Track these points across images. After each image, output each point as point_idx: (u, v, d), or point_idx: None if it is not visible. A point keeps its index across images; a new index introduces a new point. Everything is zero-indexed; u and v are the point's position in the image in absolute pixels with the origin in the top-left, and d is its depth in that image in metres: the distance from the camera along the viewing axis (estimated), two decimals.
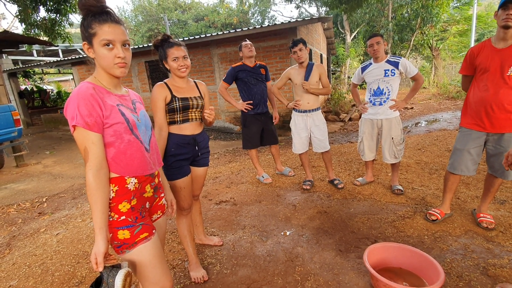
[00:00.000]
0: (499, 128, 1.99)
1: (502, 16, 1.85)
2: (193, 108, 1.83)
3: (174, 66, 1.76)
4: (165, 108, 1.76)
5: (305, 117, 3.14)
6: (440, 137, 5.02)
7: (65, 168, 5.44)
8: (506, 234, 2.11)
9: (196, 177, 2.00)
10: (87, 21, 1.04)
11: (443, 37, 16.11)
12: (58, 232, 2.83)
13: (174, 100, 1.76)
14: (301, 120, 3.16)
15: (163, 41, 1.76)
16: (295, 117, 3.21)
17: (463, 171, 2.18)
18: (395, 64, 2.72)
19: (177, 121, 1.80)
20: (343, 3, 6.06)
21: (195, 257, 1.95)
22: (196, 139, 1.87)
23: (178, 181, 1.80)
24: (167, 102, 1.76)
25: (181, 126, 1.81)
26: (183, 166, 1.82)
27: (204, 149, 1.97)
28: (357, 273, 1.84)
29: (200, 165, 1.97)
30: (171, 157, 1.78)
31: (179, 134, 1.81)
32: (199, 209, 2.23)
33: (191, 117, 1.84)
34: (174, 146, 1.78)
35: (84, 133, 1.00)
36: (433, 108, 8.83)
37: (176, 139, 1.79)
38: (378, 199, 2.83)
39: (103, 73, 1.10)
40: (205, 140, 1.97)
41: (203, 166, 2.00)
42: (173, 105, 1.76)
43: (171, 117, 1.79)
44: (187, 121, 1.83)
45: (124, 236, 1.08)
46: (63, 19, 7.21)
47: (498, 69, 1.92)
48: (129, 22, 23.96)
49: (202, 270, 1.93)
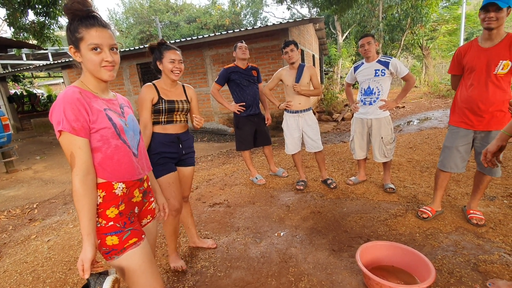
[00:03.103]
0: (486, 126, 2.03)
1: (484, 18, 1.89)
2: (178, 111, 1.87)
3: (169, 67, 1.79)
4: (151, 108, 1.80)
5: (297, 118, 3.15)
6: (431, 135, 5.09)
7: (56, 173, 5.36)
8: (496, 230, 2.14)
9: (183, 177, 2.03)
10: (74, 26, 1.02)
11: (433, 37, 16.34)
12: (49, 239, 2.78)
13: (161, 101, 1.81)
14: (293, 120, 3.18)
15: (160, 44, 1.81)
16: (287, 118, 3.23)
17: (453, 169, 2.22)
18: (385, 64, 2.75)
19: (161, 122, 1.85)
20: (334, 4, 6.11)
21: (175, 253, 2.09)
22: (180, 137, 1.92)
23: (165, 177, 1.83)
24: (153, 103, 1.80)
25: (165, 126, 1.86)
26: (168, 163, 1.86)
27: (189, 149, 2.00)
28: (350, 272, 1.85)
29: (186, 164, 2.01)
30: (156, 155, 1.82)
31: (162, 133, 1.85)
32: (189, 211, 2.23)
33: (176, 119, 1.89)
34: (158, 144, 1.83)
35: (71, 138, 0.98)
36: (424, 107, 8.95)
37: (160, 137, 1.84)
38: (370, 198, 2.85)
39: (90, 77, 1.09)
40: (189, 139, 2.01)
41: (189, 166, 2.03)
42: (159, 106, 1.81)
43: (156, 117, 1.83)
44: (171, 122, 1.88)
45: (112, 242, 1.06)
46: (52, 22, 7.12)
47: (485, 68, 1.95)
48: (120, 25, 23.77)
49: (181, 261, 2.07)
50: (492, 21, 1.85)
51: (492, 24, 1.86)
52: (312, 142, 3.15)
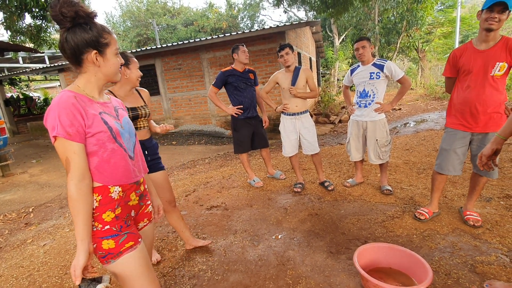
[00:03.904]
0: (483, 128, 2.04)
1: (486, 18, 1.86)
2: (141, 117, 1.88)
3: (138, 73, 1.83)
4: None
5: (294, 120, 3.17)
6: (427, 137, 5.12)
7: (52, 177, 5.32)
8: (492, 231, 2.15)
9: (158, 183, 2.01)
10: (98, 30, 1.04)
11: (428, 39, 16.51)
12: (45, 243, 2.76)
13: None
14: (290, 123, 3.19)
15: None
16: (284, 120, 3.23)
17: (450, 171, 2.22)
18: (380, 67, 2.76)
19: None
20: (330, 7, 6.15)
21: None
22: (145, 144, 1.91)
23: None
24: None
25: None
26: None
27: (154, 155, 2.00)
28: (348, 274, 1.84)
29: (154, 170, 1.99)
30: None
31: None
32: (179, 215, 2.22)
33: (139, 126, 1.89)
34: None
35: (66, 144, 0.98)
36: (420, 109, 9.01)
37: None
38: (368, 200, 2.85)
39: (91, 81, 1.08)
40: (153, 146, 2.01)
41: (158, 171, 2.02)
42: None
43: None
44: (136, 129, 1.87)
45: (108, 246, 1.05)
46: (49, 25, 7.11)
47: (482, 70, 1.97)
48: (117, 28, 23.75)
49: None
50: (495, 22, 1.84)
51: (494, 25, 1.85)
52: (309, 145, 3.16)
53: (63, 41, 1.03)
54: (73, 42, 1.01)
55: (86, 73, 1.07)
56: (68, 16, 0.99)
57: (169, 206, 2.12)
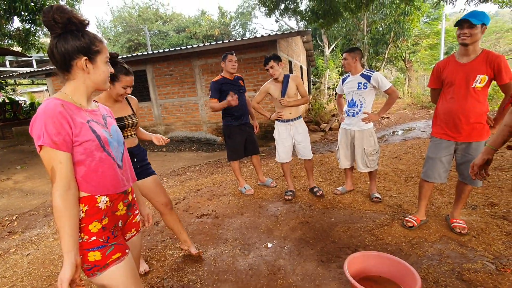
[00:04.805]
0: (466, 138, 2.11)
1: (459, 34, 2.00)
2: (128, 127, 1.85)
3: (120, 92, 1.75)
4: None
5: (289, 126, 3.21)
6: (414, 145, 5.23)
7: (37, 184, 5.17)
8: (478, 238, 2.20)
9: (150, 188, 2.00)
10: (89, 38, 1.04)
11: (415, 50, 17.02)
12: (29, 253, 2.66)
13: None
14: (284, 129, 3.23)
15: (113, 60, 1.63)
16: (278, 127, 3.27)
17: (436, 179, 2.28)
18: (367, 77, 2.82)
19: None
20: (320, 18, 6.28)
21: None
22: (133, 152, 1.90)
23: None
24: None
25: None
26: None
27: (142, 162, 1.99)
28: (339, 283, 1.85)
29: (144, 176, 1.98)
30: None
31: None
32: (176, 217, 2.20)
33: (126, 135, 1.87)
34: None
35: (51, 153, 0.95)
36: (408, 118, 9.22)
37: None
38: (357, 208, 2.88)
39: (80, 88, 1.07)
40: (142, 152, 2.00)
41: (149, 176, 2.01)
42: None
43: None
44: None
45: (95, 258, 1.03)
46: (38, 29, 7.01)
47: (463, 82, 2.05)
48: (108, 33, 23.59)
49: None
50: (466, 37, 1.96)
51: (466, 40, 1.97)
52: (304, 149, 3.21)
53: (52, 46, 1.02)
54: (63, 48, 1.00)
55: (74, 80, 1.06)
56: (60, 23, 0.98)
57: (165, 209, 2.09)
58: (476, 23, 1.92)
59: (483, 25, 1.94)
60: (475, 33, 1.94)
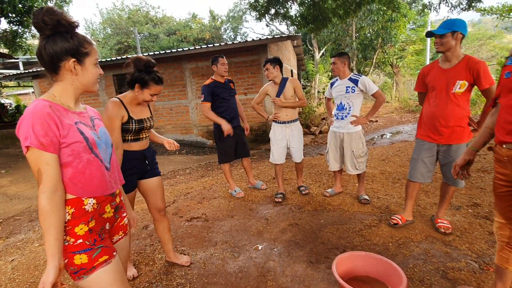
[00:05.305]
0: (447, 140, 2.19)
1: (434, 43, 2.12)
2: (146, 129, 1.89)
3: (147, 98, 1.81)
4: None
5: (284, 128, 3.28)
6: (402, 148, 5.35)
7: (22, 188, 5.03)
8: (462, 238, 2.27)
9: (152, 189, 2.00)
10: (78, 40, 1.04)
11: (402, 56, 17.43)
12: (13, 258, 2.59)
13: (131, 121, 1.80)
14: (280, 130, 3.30)
15: (149, 67, 1.75)
16: (274, 128, 3.35)
17: (419, 179, 2.36)
18: (355, 81, 2.90)
19: (128, 140, 1.85)
20: (310, 23, 6.38)
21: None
22: (145, 154, 1.92)
23: (129, 194, 1.86)
24: (123, 121, 1.78)
25: (131, 144, 1.87)
26: (132, 181, 1.87)
27: (153, 162, 2.01)
28: (328, 283, 1.87)
29: (151, 176, 1.99)
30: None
31: (128, 150, 1.85)
32: (167, 225, 2.16)
33: (142, 136, 1.90)
34: (123, 162, 1.82)
35: (38, 154, 0.95)
36: (395, 121, 9.42)
37: (125, 155, 1.83)
38: (346, 209, 2.92)
39: (68, 89, 1.06)
40: (152, 153, 2.02)
41: (155, 176, 2.02)
42: (129, 126, 1.80)
43: (123, 136, 1.82)
44: (138, 140, 1.88)
45: (81, 260, 1.02)
46: (26, 31, 6.87)
47: (444, 87, 2.13)
48: (97, 35, 23.27)
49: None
50: (438, 45, 2.09)
51: (439, 48, 2.09)
52: (296, 151, 3.30)
53: (41, 47, 1.02)
54: (52, 49, 1.00)
55: (62, 81, 1.06)
56: (49, 24, 0.99)
57: (158, 214, 2.07)
58: (443, 32, 2.02)
59: (454, 33, 2.01)
60: (446, 41, 2.04)
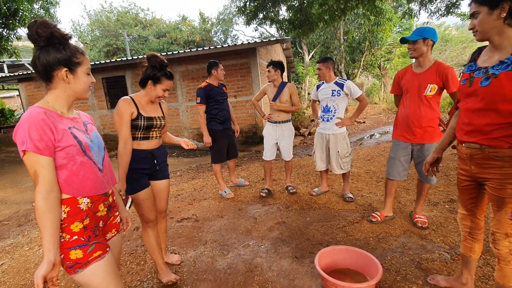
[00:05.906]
0: (420, 140, 2.35)
1: (408, 49, 2.28)
2: (156, 127, 1.90)
3: (159, 94, 1.86)
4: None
5: (275, 127, 3.47)
6: (387, 148, 5.53)
7: (9, 193, 4.99)
8: (437, 231, 2.42)
9: (159, 191, 2.03)
10: (71, 50, 1.11)
11: (389, 58, 17.84)
12: (3, 262, 2.60)
13: (140, 118, 1.82)
14: (272, 129, 3.50)
15: (162, 66, 1.86)
16: (268, 126, 3.55)
17: (396, 177, 2.51)
18: (341, 85, 3.04)
19: (137, 138, 1.86)
20: (297, 27, 6.55)
21: (165, 267, 2.05)
22: (154, 153, 1.94)
23: (140, 193, 1.85)
24: (132, 118, 1.81)
25: (140, 142, 1.88)
26: (141, 179, 1.87)
27: (163, 163, 2.03)
28: (311, 277, 1.98)
29: (159, 178, 2.01)
30: (129, 171, 1.81)
31: (137, 149, 1.86)
32: (164, 227, 2.21)
33: (152, 135, 1.91)
34: (132, 160, 1.82)
35: (34, 157, 1.02)
36: (382, 122, 9.67)
37: (134, 153, 1.83)
38: (331, 207, 3.05)
39: (61, 97, 1.14)
40: (163, 154, 2.04)
41: (164, 179, 2.04)
42: (138, 122, 1.82)
43: (132, 133, 1.84)
44: (147, 139, 1.90)
45: (76, 255, 1.09)
46: (11, 33, 6.80)
47: (416, 90, 2.28)
48: (85, 37, 22.99)
49: (172, 274, 2.05)
50: (412, 51, 2.25)
51: (413, 54, 2.25)
52: (285, 150, 3.48)
53: (35, 58, 1.09)
54: (45, 59, 1.08)
55: (56, 89, 1.13)
56: (43, 36, 1.06)
57: (158, 216, 2.09)
58: (415, 39, 2.18)
59: (425, 39, 2.17)
60: (418, 47, 2.20)
